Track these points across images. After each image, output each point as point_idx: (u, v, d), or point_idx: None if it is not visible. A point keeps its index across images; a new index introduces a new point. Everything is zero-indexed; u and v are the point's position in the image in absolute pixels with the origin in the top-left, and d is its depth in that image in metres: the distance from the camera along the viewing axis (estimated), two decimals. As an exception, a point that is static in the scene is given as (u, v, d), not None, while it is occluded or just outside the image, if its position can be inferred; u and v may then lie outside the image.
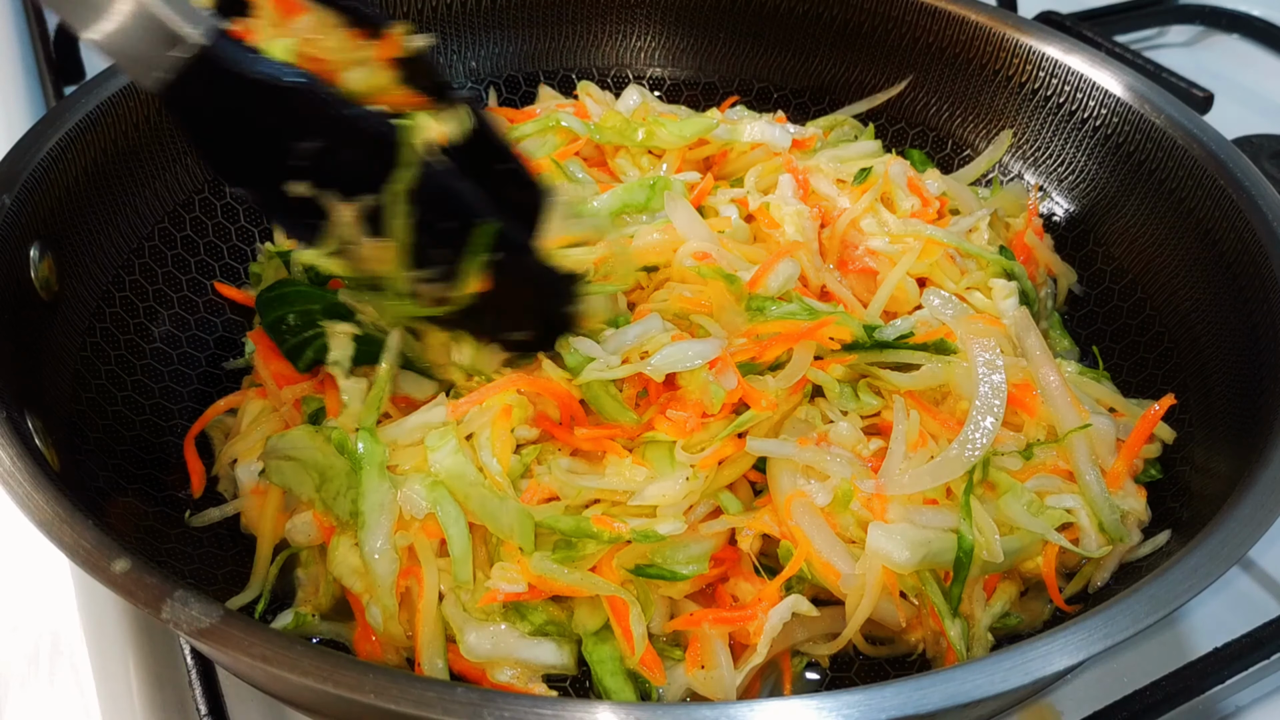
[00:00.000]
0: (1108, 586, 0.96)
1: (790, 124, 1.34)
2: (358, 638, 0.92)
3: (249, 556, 0.97)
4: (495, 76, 1.47)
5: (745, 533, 0.93)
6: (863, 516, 0.91)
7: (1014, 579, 0.97)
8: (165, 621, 0.69)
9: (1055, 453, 0.98)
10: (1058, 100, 1.29)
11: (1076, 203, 1.29)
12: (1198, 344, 1.09)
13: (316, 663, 0.66)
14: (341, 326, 1.00)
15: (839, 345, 0.99)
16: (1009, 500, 0.93)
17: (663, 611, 0.92)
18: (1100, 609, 0.73)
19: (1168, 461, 1.04)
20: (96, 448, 0.98)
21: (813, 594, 0.92)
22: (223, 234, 1.25)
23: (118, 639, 0.95)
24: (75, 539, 0.74)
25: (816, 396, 1.01)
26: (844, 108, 1.44)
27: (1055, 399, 0.99)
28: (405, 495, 0.89)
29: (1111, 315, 1.22)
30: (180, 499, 1.02)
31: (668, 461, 0.92)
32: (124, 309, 1.10)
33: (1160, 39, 1.92)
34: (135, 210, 1.15)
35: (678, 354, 0.94)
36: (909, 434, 0.95)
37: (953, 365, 0.99)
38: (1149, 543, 0.96)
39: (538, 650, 0.90)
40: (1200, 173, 1.12)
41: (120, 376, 1.06)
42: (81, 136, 1.06)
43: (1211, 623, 1.01)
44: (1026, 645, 0.70)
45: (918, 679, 0.67)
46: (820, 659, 0.94)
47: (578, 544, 0.88)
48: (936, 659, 0.94)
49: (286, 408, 1.04)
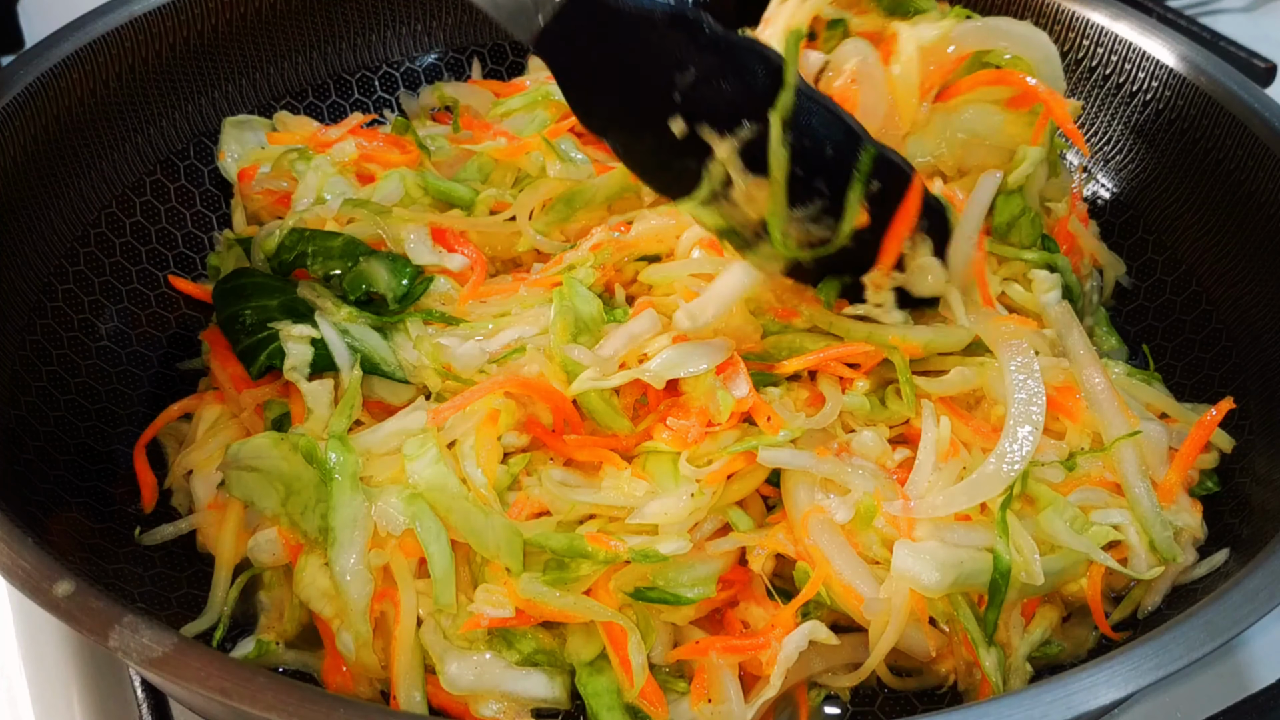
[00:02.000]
0: (1159, 611, 0.96)
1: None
2: (327, 668, 0.92)
3: (206, 578, 0.97)
4: (479, 45, 1.47)
5: (757, 552, 0.93)
6: (888, 534, 0.91)
7: (1055, 603, 0.97)
8: (113, 650, 0.69)
9: (1101, 463, 0.98)
10: (1104, 72, 1.29)
11: (1124, 186, 1.29)
12: (1260, 342, 1.09)
13: (281, 696, 0.66)
14: (298, 329, 1.01)
15: (862, 377, 1.00)
16: (1050, 516, 0.93)
17: (665, 639, 0.92)
18: (1151, 636, 0.73)
19: (1226, 473, 1.04)
20: (37, 457, 0.98)
21: (832, 620, 0.92)
22: (177, 220, 1.25)
23: (60, 669, 0.95)
24: (13, 559, 0.74)
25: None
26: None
27: (1101, 403, 0.99)
28: (380, 509, 0.89)
29: (1164, 310, 1.22)
30: (130, 514, 1.02)
31: (670, 475, 0.92)
32: (67, 303, 1.11)
33: (1217, 3, 1.92)
34: (80, 193, 1.15)
35: (680, 358, 0.94)
36: (940, 443, 0.95)
37: (986, 367, 1.00)
38: (1205, 563, 0.96)
39: (526, 682, 0.90)
40: (1262, 151, 1.12)
41: (63, 378, 1.06)
42: (20, 112, 1.07)
43: (1274, 651, 1.01)
44: (1069, 677, 0.70)
45: (948, 714, 0.68)
46: (840, 692, 0.94)
47: (571, 564, 0.89)
48: (969, 692, 0.94)
49: (247, 413, 1.04)
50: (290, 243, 1.11)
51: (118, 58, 1.18)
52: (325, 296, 1.06)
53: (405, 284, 1.06)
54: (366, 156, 1.25)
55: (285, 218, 1.16)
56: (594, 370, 0.95)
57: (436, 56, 1.45)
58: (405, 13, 1.42)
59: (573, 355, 0.96)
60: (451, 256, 1.11)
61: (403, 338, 1.04)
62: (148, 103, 1.23)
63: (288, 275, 1.11)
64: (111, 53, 1.17)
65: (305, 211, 1.16)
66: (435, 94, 1.41)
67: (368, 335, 1.03)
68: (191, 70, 1.27)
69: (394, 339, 1.04)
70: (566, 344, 0.97)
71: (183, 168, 1.27)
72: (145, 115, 1.23)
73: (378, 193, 1.19)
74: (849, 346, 0.98)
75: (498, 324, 1.05)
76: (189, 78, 1.27)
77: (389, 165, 1.24)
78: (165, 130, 1.25)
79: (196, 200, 1.27)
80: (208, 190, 1.28)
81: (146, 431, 1.07)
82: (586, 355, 0.96)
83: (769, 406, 0.95)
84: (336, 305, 1.05)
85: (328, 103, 1.39)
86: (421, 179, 1.21)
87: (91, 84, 1.15)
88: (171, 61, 1.24)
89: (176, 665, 0.68)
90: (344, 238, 1.10)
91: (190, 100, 1.27)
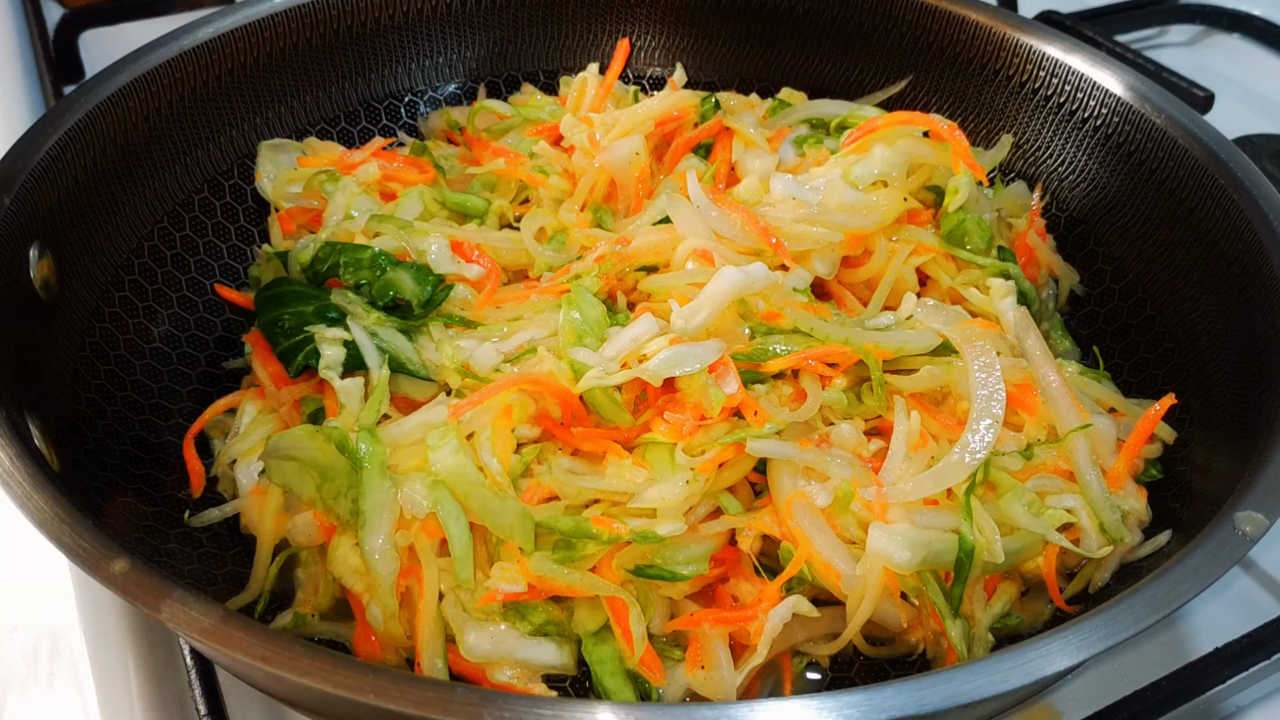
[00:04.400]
0: (1108, 587, 0.96)
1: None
2: (357, 638, 0.92)
3: (248, 557, 0.97)
4: (495, 75, 1.47)
5: (745, 533, 0.93)
6: (863, 517, 0.91)
7: (1014, 579, 0.97)
8: (165, 621, 0.69)
9: (1056, 453, 0.98)
10: (1058, 100, 1.29)
11: (1078, 203, 1.29)
12: (1198, 344, 1.09)
13: (316, 663, 0.66)
14: (331, 332, 1.00)
15: (840, 375, 1.00)
16: (1010, 500, 0.93)
17: (662, 612, 0.92)
18: (1101, 609, 0.73)
19: (1168, 461, 1.04)
20: (96, 448, 0.98)
21: (813, 594, 0.92)
22: (222, 233, 1.25)
23: (117, 639, 0.95)
24: (75, 539, 0.74)
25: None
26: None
27: (1056, 399, 0.99)
28: (406, 494, 0.89)
29: (1112, 315, 1.22)
30: (180, 499, 1.02)
31: (668, 464, 0.92)
32: (123, 309, 1.11)
33: (1161, 38, 1.92)
34: (134, 210, 1.15)
35: (676, 358, 0.94)
36: (910, 435, 0.95)
37: (952, 366, 1.00)
38: (1149, 543, 0.96)
39: (537, 650, 0.90)
40: (1201, 172, 1.12)
41: (120, 376, 1.06)
42: (80, 136, 1.07)
43: (1212, 623, 1.01)
44: (1027, 645, 0.70)
45: (918, 679, 0.67)
46: (821, 659, 0.94)
47: (577, 544, 0.89)
48: (937, 659, 0.94)
49: (285, 408, 1.04)
50: (323, 255, 1.11)
51: (169, 87, 1.18)
52: (356, 303, 1.06)
53: (429, 291, 1.06)
54: (389, 176, 1.25)
55: (318, 233, 1.17)
56: (598, 369, 0.95)
57: (457, 86, 1.45)
58: (430, 47, 1.42)
59: (578, 357, 0.96)
60: (469, 266, 1.11)
61: (426, 340, 1.04)
62: (196, 128, 1.23)
63: (322, 284, 1.10)
64: (163, 83, 1.17)
65: (336, 227, 1.16)
66: (443, 118, 1.41)
67: (394, 338, 1.03)
68: (235, 99, 1.27)
69: (418, 341, 1.04)
70: (573, 346, 0.97)
71: (227, 187, 1.26)
72: (193, 139, 1.23)
73: (399, 209, 1.20)
74: (828, 348, 0.98)
75: (512, 327, 1.05)
76: (233, 105, 1.27)
77: (408, 184, 1.24)
78: (211, 153, 1.25)
79: (240, 216, 1.27)
80: (250, 207, 1.28)
81: (195, 424, 1.07)
82: (591, 356, 0.96)
83: (756, 402, 0.95)
84: (366, 310, 1.05)
85: (358, 127, 1.39)
86: (439, 194, 1.22)
87: (145, 111, 1.15)
88: (218, 91, 1.24)
89: (222, 635, 0.68)
90: (372, 250, 1.10)
91: (235, 125, 1.27)
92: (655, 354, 0.95)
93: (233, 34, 1.23)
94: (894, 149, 1.15)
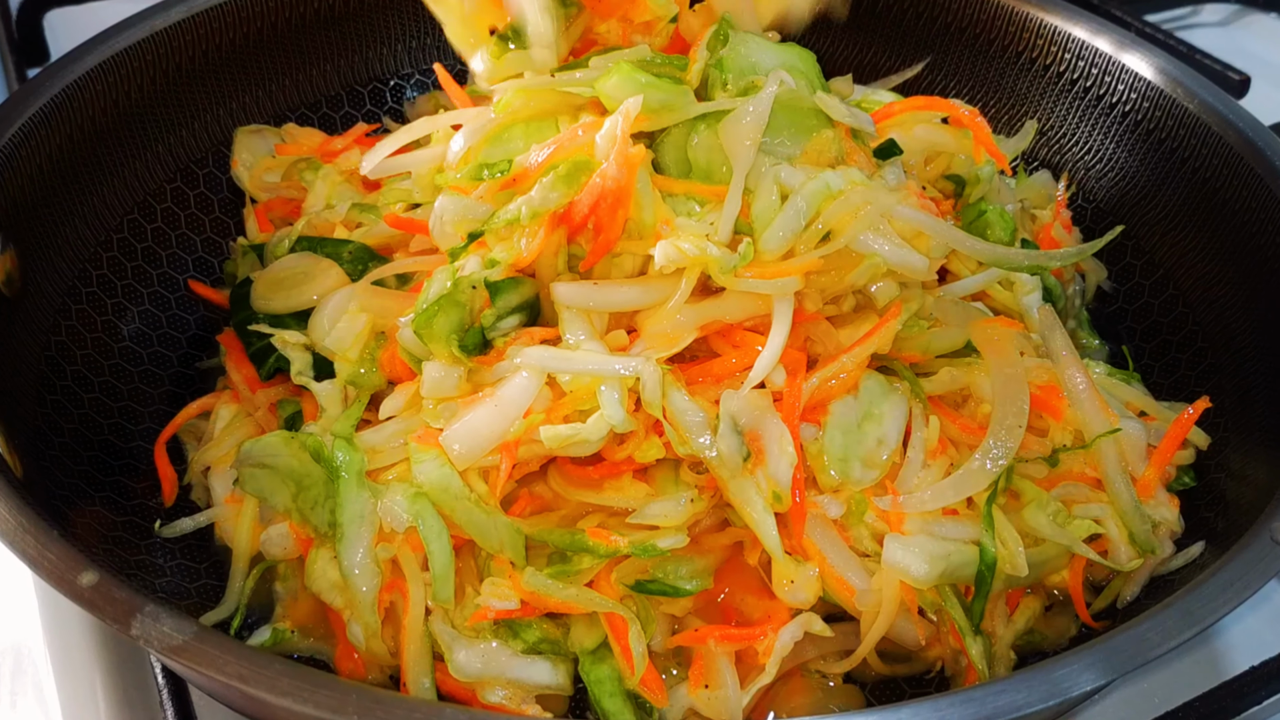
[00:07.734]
0: (1138, 601, 0.96)
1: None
2: (339, 655, 0.92)
3: (224, 569, 0.97)
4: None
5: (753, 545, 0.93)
6: (878, 528, 0.91)
7: (1038, 594, 0.97)
8: (135, 638, 0.69)
9: (1082, 459, 0.98)
10: (1085, 84, 1.29)
11: (1105, 193, 1.29)
12: (1233, 343, 1.09)
13: (296, 682, 0.66)
14: (292, 336, 1.00)
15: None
16: (1034, 510, 0.93)
17: (664, 628, 0.92)
18: (1130, 625, 0.73)
19: (1202, 468, 1.04)
20: (62, 453, 0.98)
21: (825, 610, 0.92)
22: (196, 226, 1.25)
23: (84, 657, 0.95)
24: (39, 550, 0.74)
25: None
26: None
27: (1082, 402, 0.99)
28: (386, 506, 0.89)
29: (1142, 313, 1.22)
30: (151, 508, 1.02)
31: (670, 481, 0.92)
32: (91, 306, 1.11)
33: (1193, 18, 1.92)
34: (102, 200, 1.15)
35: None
36: (928, 440, 0.95)
37: (973, 367, 1.00)
38: (1182, 555, 0.96)
39: (531, 669, 0.90)
40: (1236, 161, 1.12)
41: (87, 377, 1.06)
42: (45, 122, 1.07)
43: (1248, 640, 1.01)
44: (1051, 664, 0.70)
45: (936, 699, 0.68)
46: (833, 677, 0.94)
47: (573, 558, 0.89)
48: (956, 677, 0.94)
49: (261, 412, 1.04)
50: (301, 248, 1.11)
51: (139, 70, 1.18)
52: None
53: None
54: (371, 164, 1.25)
55: (296, 224, 1.16)
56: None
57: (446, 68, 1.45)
58: (415, 28, 1.42)
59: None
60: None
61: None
62: (168, 113, 1.23)
63: (301, 279, 1.10)
64: (133, 65, 1.17)
65: (315, 217, 1.16)
66: (431, 102, 1.41)
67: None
68: (210, 82, 1.27)
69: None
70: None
71: (202, 176, 1.26)
72: (165, 125, 1.23)
73: (383, 199, 1.19)
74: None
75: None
76: (207, 89, 1.27)
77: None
78: (185, 140, 1.25)
79: (215, 207, 1.27)
80: (225, 197, 1.28)
81: (167, 429, 1.07)
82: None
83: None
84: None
85: (340, 113, 1.39)
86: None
87: (114, 95, 1.15)
88: (191, 73, 1.24)
89: (195, 653, 0.68)
90: (353, 244, 1.09)
91: (209, 111, 1.27)
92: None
93: (207, 14, 1.23)
94: (911, 136, 1.15)
